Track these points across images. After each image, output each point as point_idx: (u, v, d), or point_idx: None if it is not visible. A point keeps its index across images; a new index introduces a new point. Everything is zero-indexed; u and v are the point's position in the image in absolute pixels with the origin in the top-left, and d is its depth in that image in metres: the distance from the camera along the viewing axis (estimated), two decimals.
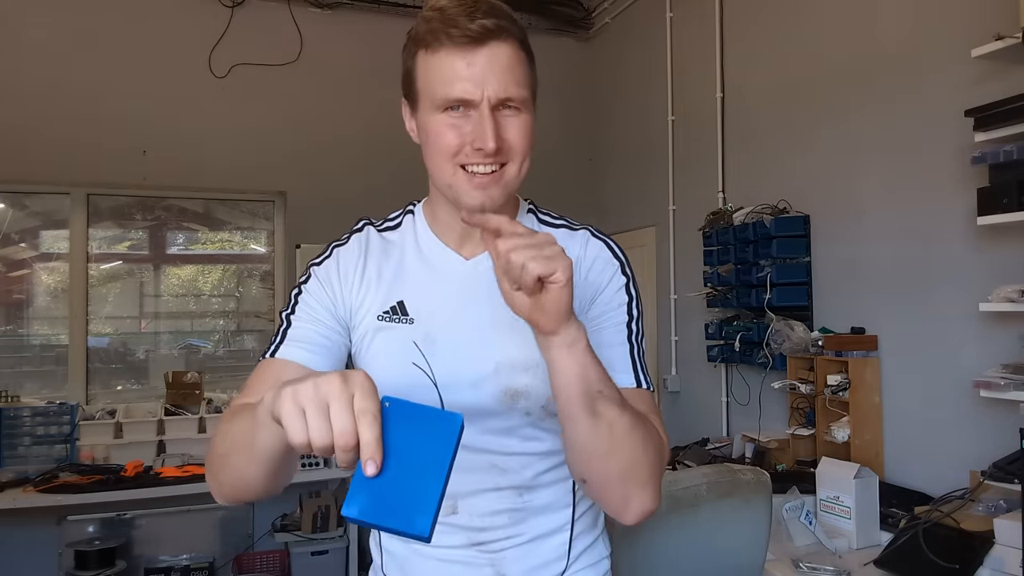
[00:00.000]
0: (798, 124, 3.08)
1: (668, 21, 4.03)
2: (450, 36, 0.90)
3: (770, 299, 2.99)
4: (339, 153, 4.35)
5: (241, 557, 3.72)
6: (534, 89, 0.99)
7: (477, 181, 0.94)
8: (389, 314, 1.02)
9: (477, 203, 0.94)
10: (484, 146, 0.91)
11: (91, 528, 3.54)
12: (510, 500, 1.03)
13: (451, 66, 0.91)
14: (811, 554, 2.15)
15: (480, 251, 1.03)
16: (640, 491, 0.92)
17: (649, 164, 4.21)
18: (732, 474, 1.56)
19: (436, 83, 0.92)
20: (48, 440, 3.48)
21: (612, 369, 0.96)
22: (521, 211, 1.11)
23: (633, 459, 0.89)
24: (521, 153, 0.96)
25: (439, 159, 0.95)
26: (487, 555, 1.02)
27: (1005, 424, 2.11)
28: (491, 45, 0.91)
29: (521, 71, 0.95)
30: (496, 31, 0.91)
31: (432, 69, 0.93)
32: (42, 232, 4.27)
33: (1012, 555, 1.79)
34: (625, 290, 1.05)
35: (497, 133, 0.92)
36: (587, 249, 1.06)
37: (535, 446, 1.04)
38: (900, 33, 2.58)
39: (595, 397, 0.86)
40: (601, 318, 1.02)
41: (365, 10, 4.45)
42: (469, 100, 0.91)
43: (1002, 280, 2.08)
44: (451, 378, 1.00)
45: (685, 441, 3.48)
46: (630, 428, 0.88)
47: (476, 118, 0.92)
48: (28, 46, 3.86)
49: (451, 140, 0.93)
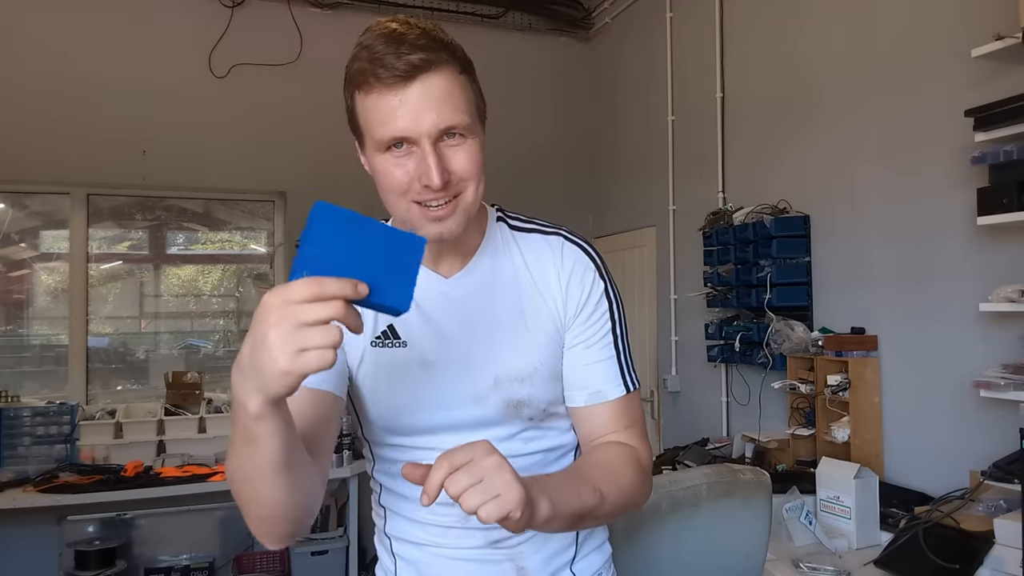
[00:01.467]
0: (798, 124, 3.08)
1: (668, 21, 4.03)
2: (379, 77, 0.88)
3: (770, 299, 2.99)
4: (339, 153, 4.30)
5: (241, 557, 3.71)
6: (479, 107, 0.98)
7: (432, 215, 0.93)
8: (381, 339, 1.03)
9: (435, 235, 0.94)
10: (430, 183, 0.90)
11: (91, 528, 3.55)
12: None
13: (385, 106, 0.90)
14: (811, 554, 2.15)
15: (457, 268, 1.05)
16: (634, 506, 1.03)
17: (649, 164, 4.21)
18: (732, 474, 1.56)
19: (374, 124, 0.91)
20: (48, 440, 3.48)
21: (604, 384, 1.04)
22: (490, 219, 1.10)
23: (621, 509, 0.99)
24: (474, 179, 0.95)
25: (391, 197, 0.95)
26: (504, 551, 1.05)
27: (1005, 424, 2.11)
28: (422, 79, 0.89)
29: (459, 96, 0.92)
30: (424, 65, 0.88)
31: (368, 110, 0.92)
32: (42, 232, 4.27)
33: (1012, 555, 1.79)
34: (605, 296, 1.07)
35: (443, 167, 0.90)
36: (563, 256, 1.07)
37: (539, 444, 1.07)
38: (900, 33, 2.58)
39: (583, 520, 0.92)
40: (586, 334, 1.06)
41: (365, 10, 4.45)
42: (407, 138, 0.90)
43: (1002, 280, 2.08)
44: (453, 397, 1.02)
45: (685, 441, 3.48)
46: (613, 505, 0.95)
47: (419, 155, 0.91)
48: (28, 46, 3.86)
49: (399, 178, 0.92)
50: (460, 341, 1.02)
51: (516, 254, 1.07)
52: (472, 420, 1.02)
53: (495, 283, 1.05)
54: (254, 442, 0.76)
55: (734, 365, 3.40)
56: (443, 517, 1.04)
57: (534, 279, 1.06)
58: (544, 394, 1.05)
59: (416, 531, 1.07)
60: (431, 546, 1.06)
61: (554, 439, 1.09)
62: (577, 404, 1.06)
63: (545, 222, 1.12)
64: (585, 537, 1.11)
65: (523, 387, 1.03)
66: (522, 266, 1.06)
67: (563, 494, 0.87)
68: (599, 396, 1.05)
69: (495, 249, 1.07)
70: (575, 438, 1.11)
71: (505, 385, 1.02)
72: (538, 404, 1.04)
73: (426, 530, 1.06)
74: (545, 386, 1.04)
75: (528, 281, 1.06)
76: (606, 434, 1.05)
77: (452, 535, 1.05)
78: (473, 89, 0.97)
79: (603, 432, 1.06)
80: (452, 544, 1.05)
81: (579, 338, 1.05)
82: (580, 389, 1.05)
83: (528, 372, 1.03)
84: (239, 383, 0.72)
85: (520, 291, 1.05)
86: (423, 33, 0.90)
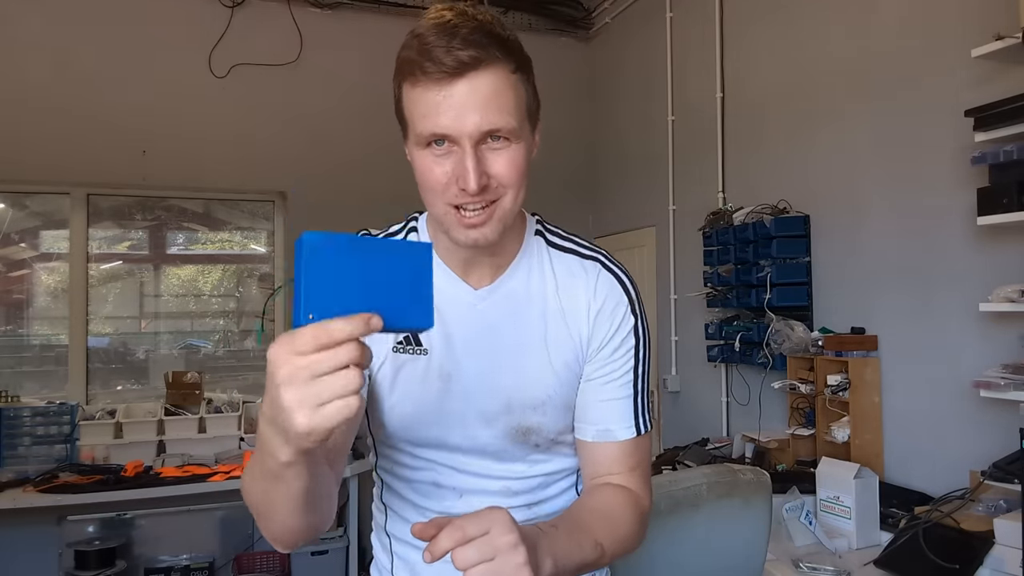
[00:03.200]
0: (798, 124, 3.08)
1: (668, 21, 4.03)
2: (425, 71, 0.84)
3: (770, 299, 2.98)
4: (339, 153, 4.35)
5: (241, 557, 3.71)
6: (530, 109, 0.93)
7: (468, 221, 0.90)
8: (403, 345, 0.99)
9: (470, 242, 0.91)
10: (467, 187, 0.86)
11: (91, 528, 3.54)
12: (520, 514, 1.03)
13: (428, 100, 0.85)
14: (811, 554, 2.15)
15: (487, 281, 1.01)
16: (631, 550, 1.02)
17: (649, 164, 4.21)
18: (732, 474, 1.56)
19: (417, 117, 0.88)
20: (48, 440, 3.48)
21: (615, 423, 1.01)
22: (528, 230, 1.06)
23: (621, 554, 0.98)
24: (513, 186, 0.90)
25: (429, 196, 0.91)
26: None
27: (1005, 424, 2.11)
28: (470, 77, 0.84)
29: (508, 97, 0.87)
30: (473, 63, 0.84)
31: (413, 102, 0.88)
32: (42, 232, 4.26)
33: (1012, 555, 1.79)
34: (633, 333, 1.04)
35: (481, 170, 0.86)
36: (597, 287, 1.02)
37: (544, 467, 1.06)
38: (900, 33, 2.58)
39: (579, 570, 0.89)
40: (607, 368, 1.02)
41: (365, 10, 4.45)
42: (448, 135, 0.86)
43: (1002, 280, 2.08)
44: (465, 414, 1.00)
45: (685, 441, 3.48)
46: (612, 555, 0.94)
47: (459, 155, 0.87)
48: (28, 46, 3.86)
49: (438, 177, 0.88)
50: (478, 359, 0.99)
51: (549, 275, 1.03)
52: (478, 441, 1.01)
53: (523, 303, 1.02)
54: (279, 480, 0.73)
55: (734, 365, 3.40)
56: None
57: (563, 306, 1.02)
58: (554, 424, 1.02)
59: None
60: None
61: (559, 463, 1.08)
62: (585, 438, 1.03)
63: (585, 242, 1.08)
64: None
65: (534, 415, 1.01)
66: (553, 289, 1.02)
67: (566, 551, 0.86)
68: (608, 435, 1.02)
69: (528, 266, 1.03)
70: (578, 462, 1.09)
71: (517, 411, 1.00)
72: (547, 433, 1.03)
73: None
74: (556, 415, 1.02)
75: (556, 307, 1.02)
76: (610, 474, 1.03)
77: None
78: (526, 89, 0.92)
79: (607, 471, 1.03)
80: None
81: (598, 372, 1.02)
82: (591, 424, 1.03)
83: (542, 400, 1.01)
84: (267, 433, 0.68)
85: (547, 316, 1.02)
86: (478, 27, 0.85)
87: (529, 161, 0.93)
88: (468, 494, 1.03)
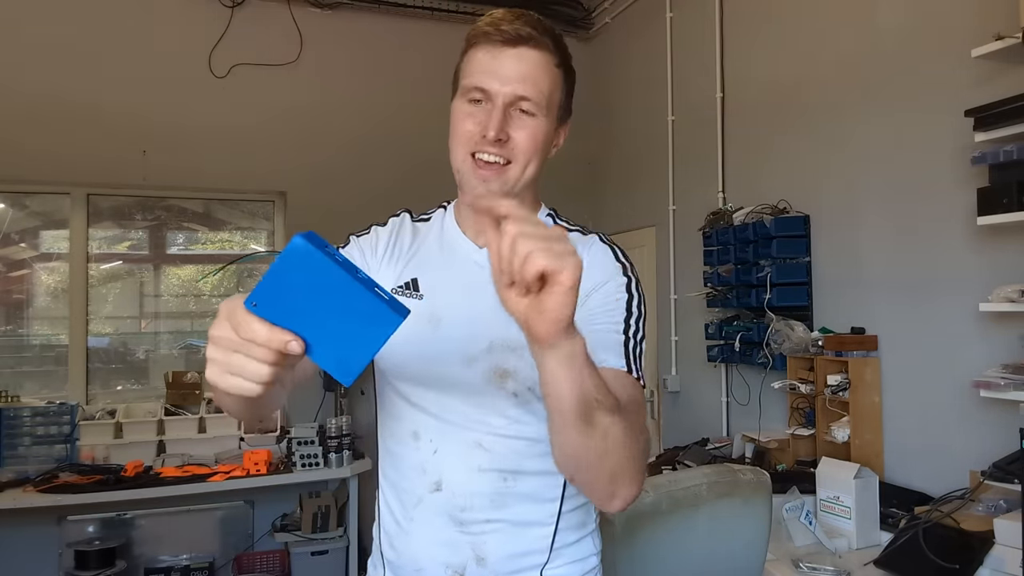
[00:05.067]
0: (798, 124, 3.08)
1: (668, 21, 4.03)
2: (488, 36, 1.00)
3: (770, 299, 2.98)
4: (339, 153, 4.35)
5: (241, 557, 3.72)
6: (560, 103, 1.06)
7: (481, 172, 1.01)
8: (403, 288, 1.09)
9: (479, 191, 1.01)
10: (487, 133, 0.98)
11: (91, 528, 3.55)
12: (492, 482, 1.04)
13: (481, 60, 1.01)
14: (811, 554, 2.15)
15: None
16: (627, 486, 0.90)
17: (649, 164, 4.21)
18: (732, 474, 1.56)
19: (467, 72, 1.03)
20: (48, 440, 3.48)
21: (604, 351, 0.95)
22: (540, 213, 1.16)
23: (622, 461, 0.87)
24: (525, 154, 1.01)
25: (455, 143, 1.03)
26: (468, 537, 1.04)
27: (1005, 424, 2.11)
28: (521, 48, 1.00)
29: (546, 80, 1.02)
30: (528, 38, 0.99)
31: (468, 62, 1.03)
32: (42, 232, 4.26)
33: (1012, 555, 1.79)
34: (626, 289, 1.04)
35: (503, 126, 0.99)
36: (591, 251, 1.09)
37: (521, 429, 1.04)
38: (900, 33, 2.58)
39: (590, 409, 0.80)
40: (598, 310, 1.01)
41: (365, 10, 4.45)
42: (486, 90, 1.00)
43: (1002, 280, 2.08)
44: (447, 354, 1.04)
45: (685, 441, 3.48)
46: (623, 434, 0.84)
47: (489, 110, 1.00)
48: (28, 46, 3.86)
49: (467, 126, 1.01)
50: (470, 304, 1.04)
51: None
52: (458, 382, 1.04)
53: None
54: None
55: (734, 365, 3.40)
56: (417, 486, 1.06)
57: None
58: (531, 371, 0.95)
59: (395, 502, 1.10)
60: (404, 519, 1.08)
61: (537, 429, 1.03)
62: None
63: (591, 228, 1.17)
64: (564, 545, 1.07)
65: (512, 356, 1.01)
66: None
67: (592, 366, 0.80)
68: (598, 362, 0.92)
69: None
70: None
71: (497, 351, 1.02)
72: (523, 379, 1.01)
73: (402, 499, 1.08)
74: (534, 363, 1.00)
75: None
76: None
77: (422, 507, 1.06)
78: (562, 87, 1.06)
79: None
80: (421, 519, 1.06)
81: (588, 313, 0.99)
82: None
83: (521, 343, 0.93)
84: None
85: None
86: (539, 21, 1.02)
87: (547, 145, 1.06)
88: (443, 448, 1.05)
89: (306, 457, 3.47)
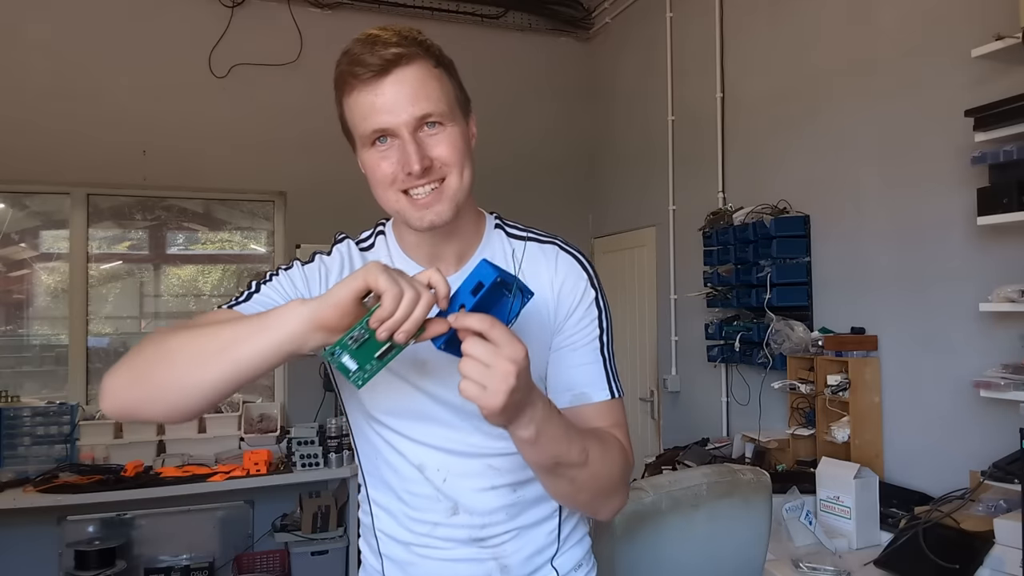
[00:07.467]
0: (798, 124, 3.08)
1: (668, 21, 4.03)
2: (356, 76, 0.95)
3: (770, 299, 2.99)
4: (339, 153, 4.28)
5: (241, 557, 3.72)
6: (458, 99, 1.02)
7: (420, 203, 0.98)
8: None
9: (426, 223, 0.98)
10: (411, 169, 0.95)
11: (91, 528, 3.55)
12: (505, 497, 1.06)
13: (364, 102, 0.95)
14: (811, 554, 2.15)
15: (452, 271, 1.06)
16: (608, 504, 1.03)
17: (649, 164, 4.21)
18: (732, 474, 1.56)
19: (357, 121, 0.97)
20: (48, 440, 3.48)
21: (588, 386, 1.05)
22: (488, 226, 1.12)
23: (597, 489, 0.98)
24: (456, 164, 0.99)
25: (380, 190, 1.00)
26: (488, 550, 1.05)
27: (1005, 424, 2.11)
28: (396, 73, 0.94)
29: (434, 86, 0.97)
30: (396, 59, 0.94)
31: (351, 109, 0.98)
32: (42, 232, 4.26)
33: (1012, 555, 1.79)
34: (595, 304, 1.09)
35: (422, 153, 0.95)
36: (557, 264, 1.09)
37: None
38: (900, 33, 2.58)
39: (555, 466, 0.92)
40: (575, 336, 1.07)
41: (365, 10, 4.45)
42: (387, 129, 0.95)
43: (1002, 280, 2.08)
44: (443, 390, 1.03)
45: (685, 441, 3.48)
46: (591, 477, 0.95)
47: (400, 145, 0.96)
48: (28, 45, 3.86)
49: (385, 170, 0.97)
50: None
51: (512, 260, 1.09)
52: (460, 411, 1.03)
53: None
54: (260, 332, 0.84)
55: (734, 365, 3.40)
56: (431, 514, 1.05)
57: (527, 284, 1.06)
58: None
59: (402, 530, 1.08)
60: (417, 545, 1.07)
61: None
62: (562, 405, 1.04)
63: (542, 231, 1.15)
64: (568, 533, 1.12)
65: None
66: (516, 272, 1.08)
67: (556, 428, 0.90)
68: (584, 397, 1.05)
69: (492, 253, 1.09)
70: None
71: None
72: None
73: (412, 528, 1.07)
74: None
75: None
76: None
77: (439, 531, 1.05)
78: (451, 83, 1.01)
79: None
80: (437, 543, 1.05)
81: (567, 341, 1.07)
82: (565, 391, 1.05)
83: None
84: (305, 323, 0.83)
85: None
86: (396, 33, 0.96)
87: (469, 145, 1.02)
88: (452, 475, 1.05)
89: (306, 457, 3.48)
